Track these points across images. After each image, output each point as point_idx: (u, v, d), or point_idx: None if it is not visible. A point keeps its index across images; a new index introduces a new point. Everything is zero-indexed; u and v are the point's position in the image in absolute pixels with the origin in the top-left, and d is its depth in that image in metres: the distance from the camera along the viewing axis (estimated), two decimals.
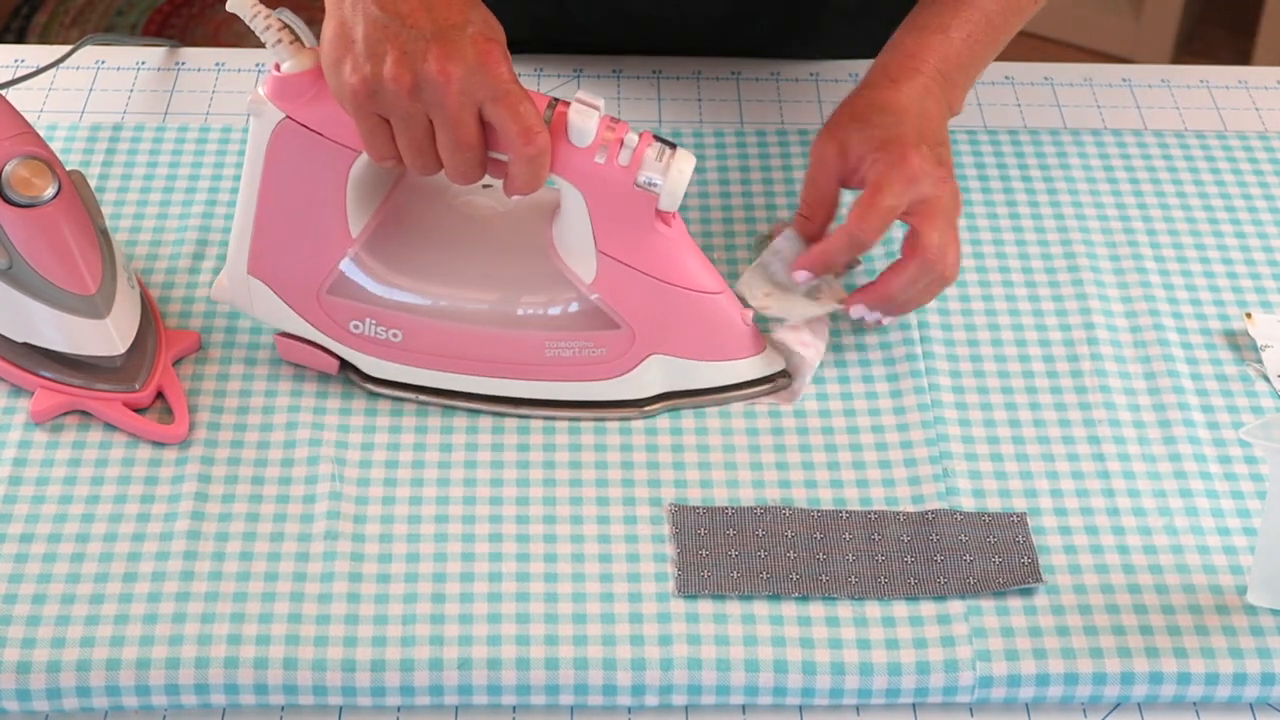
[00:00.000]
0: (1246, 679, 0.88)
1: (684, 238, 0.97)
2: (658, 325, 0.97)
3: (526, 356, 0.98)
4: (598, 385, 0.99)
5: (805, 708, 0.89)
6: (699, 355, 0.99)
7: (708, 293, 0.97)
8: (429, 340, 0.98)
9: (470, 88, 0.87)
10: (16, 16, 2.77)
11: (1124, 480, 0.98)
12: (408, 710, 0.88)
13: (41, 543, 0.92)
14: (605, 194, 0.93)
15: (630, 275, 0.96)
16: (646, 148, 0.93)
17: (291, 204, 0.96)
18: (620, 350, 0.98)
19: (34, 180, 0.96)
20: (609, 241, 0.95)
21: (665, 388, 1.00)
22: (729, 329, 0.99)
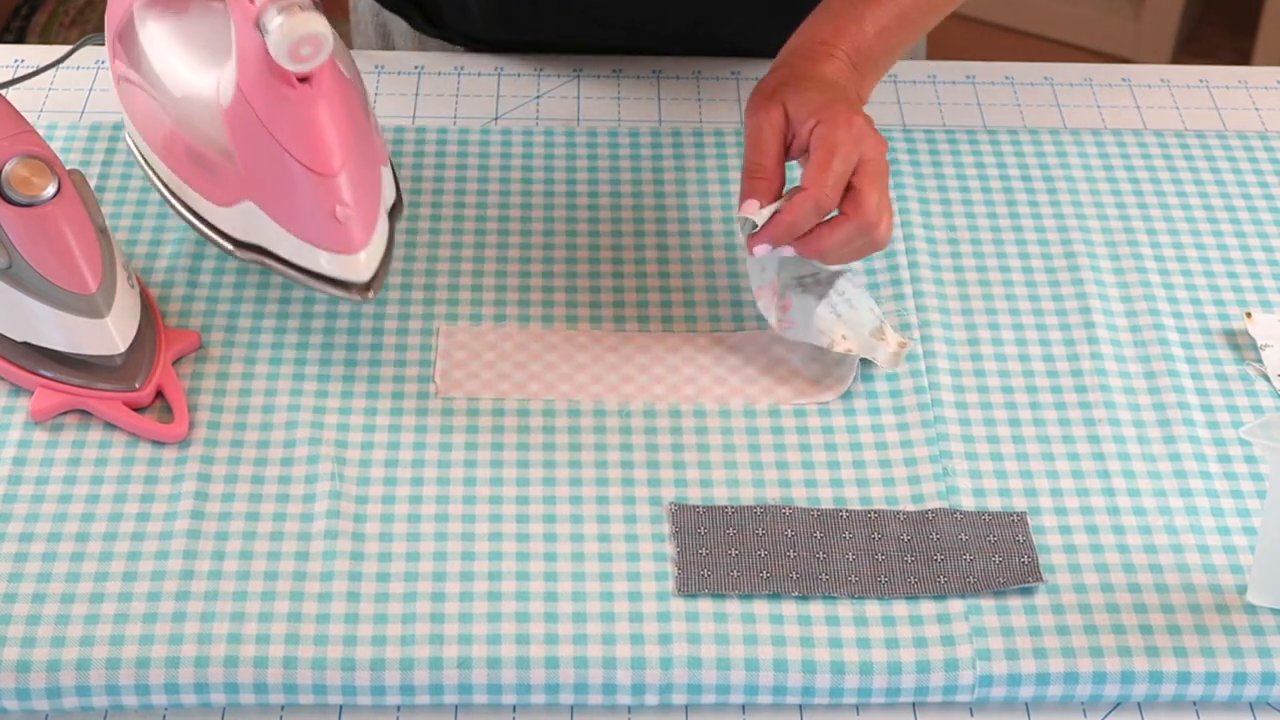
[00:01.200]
0: (1246, 678, 0.88)
1: (314, 103, 0.95)
2: (258, 175, 0.97)
3: (170, 148, 1.02)
4: (207, 204, 1.01)
5: (805, 707, 0.89)
6: (285, 224, 0.98)
7: (309, 168, 0.96)
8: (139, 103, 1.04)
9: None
10: (16, 16, 2.77)
11: (1124, 479, 0.98)
12: (407, 709, 0.88)
13: (41, 542, 0.92)
14: (241, 25, 0.94)
15: (250, 118, 0.95)
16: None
17: None
18: (228, 181, 0.99)
19: (34, 179, 0.96)
20: (246, 79, 0.95)
21: (259, 241, 1.00)
22: (317, 214, 0.97)
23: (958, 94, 1.25)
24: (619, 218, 1.13)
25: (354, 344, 1.04)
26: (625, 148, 1.18)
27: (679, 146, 1.18)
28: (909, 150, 1.19)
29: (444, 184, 1.15)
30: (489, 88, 1.24)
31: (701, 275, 1.09)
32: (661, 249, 1.11)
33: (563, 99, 1.23)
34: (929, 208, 1.14)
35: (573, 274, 1.09)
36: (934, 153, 1.19)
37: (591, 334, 1.05)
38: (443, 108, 1.22)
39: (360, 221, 0.97)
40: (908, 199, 1.14)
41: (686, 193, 1.15)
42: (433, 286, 1.07)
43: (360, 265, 0.97)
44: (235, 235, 1.00)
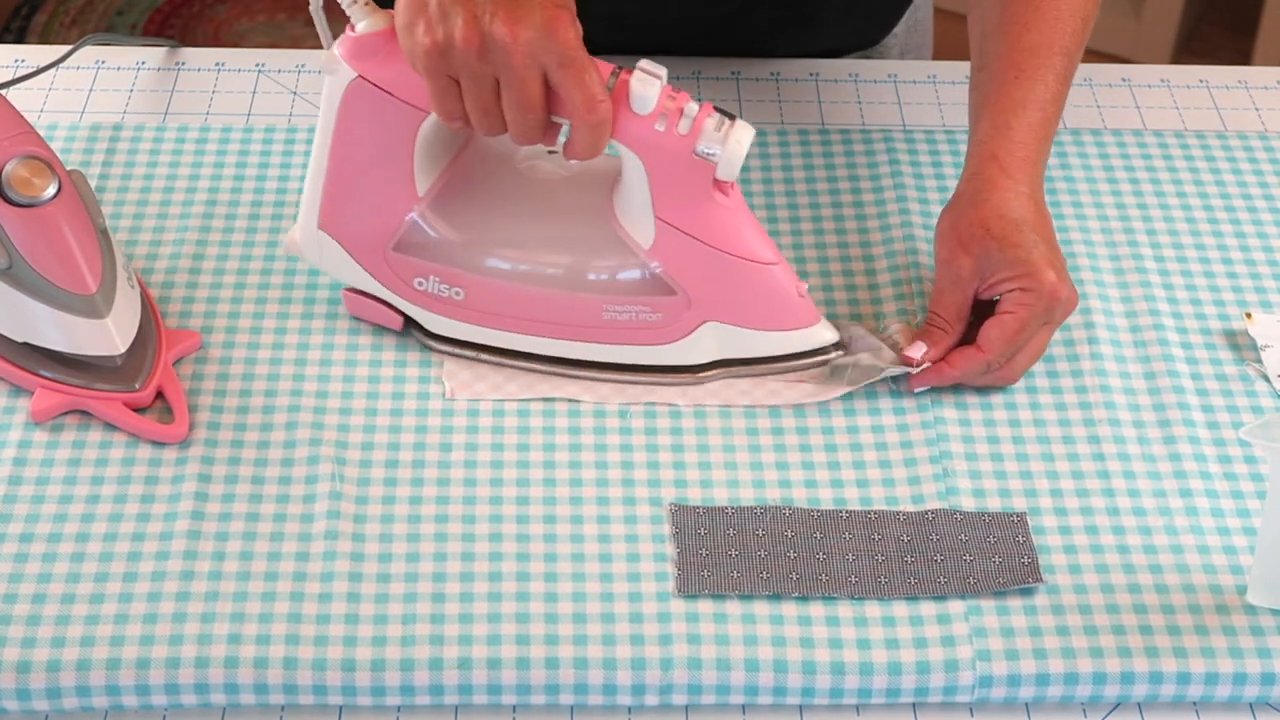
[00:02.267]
0: (1246, 679, 0.88)
1: (741, 208, 0.98)
2: (713, 292, 0.98)
3: (584, 318, 1.00)
4: (653, 350, 1.00)
5: (805, 707, 0.89)
6: (753, 324, 1.00)
7: (763, 263, 0.98)
8: (489, 299, 1.00)
9: (536, 51, 0.89)
10: (16, 16, 2.77)
11: (1124, 480, 0.98)
12: (407, 710, 0.88)
13: (41, 542, 0.92)
14: (664, 161, 0.94)
15: (687, 242, 0.97)
16: (706, 117, 0.94)
17: (361, 161, 0.99)
18: (675, 315, 0.99)
19: (34, 180, 0.96)
20: (667, 209, 0.96)
21: (719, 355, 1.01)
22: (782, 299, 0.99)
23: (958, 94, 1.25)
24: None
25: (354, 344, 1.04)
26: None
27: None
28: (909, 150, 1.19)
29: None
30: None
31: None
32: None
33: None
34: (929, 208, 1.14)
35: None
36: (934, 153, 1.19)
37: None
38: None
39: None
40: (908, 199, 1.14)
41: None
42: None
43: (825, 329, 1.01)
44: (695, 362, 1.01)
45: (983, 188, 1.02)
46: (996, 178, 1.02)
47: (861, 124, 1.22)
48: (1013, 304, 1.00)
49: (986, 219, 1.01)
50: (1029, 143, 1.04)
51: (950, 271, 1.02)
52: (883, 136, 1.20)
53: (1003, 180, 1.02)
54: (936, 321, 1.02)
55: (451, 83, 0.92)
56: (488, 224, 1.00)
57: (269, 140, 1.17)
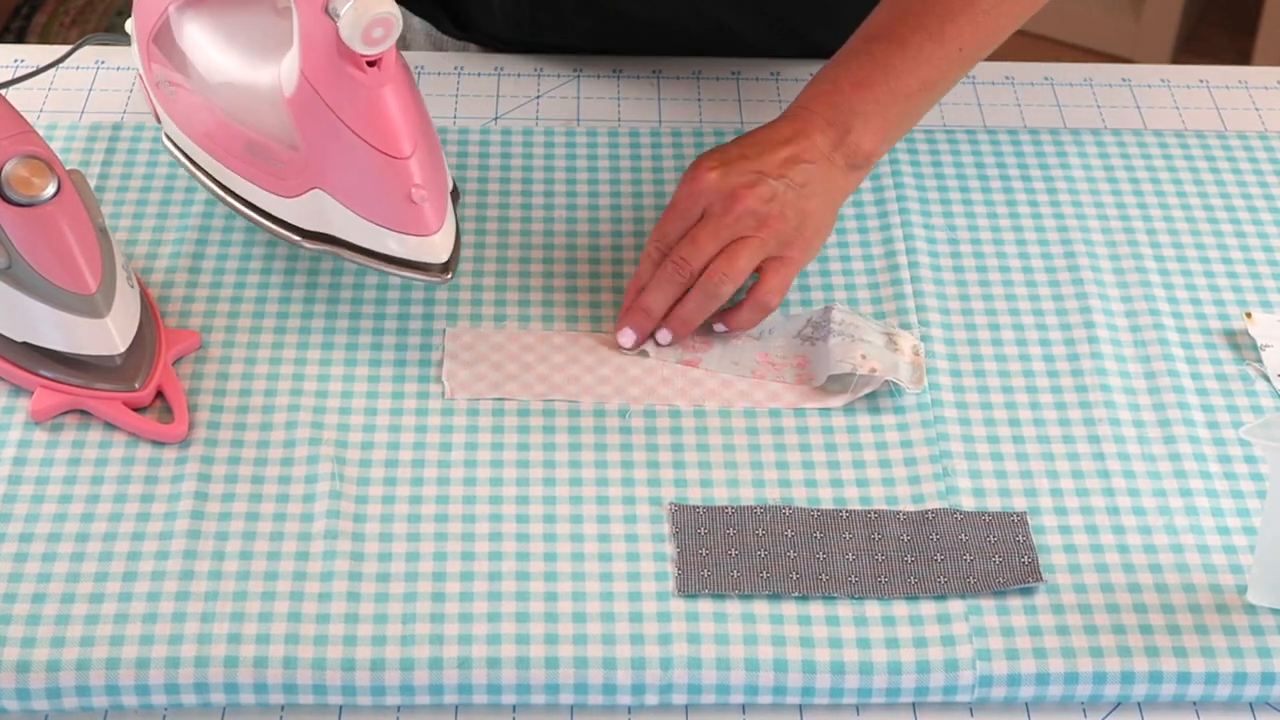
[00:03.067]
0: (1246, 678, 0.88)
1: (383, 86, 0.95)
2: (328, 163, 0.97)
3: (230, 146, 1.01)
4: (271, 198, 1.00)
5: (805, 707, 0.89)
6: (357, 210, 0.98)
7: (380, 151, 0.96)
8: (185, 107, 1.04)
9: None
10: (16, 16, 2.77)
11: (1124, 480, 0.98)
12: (407, 709, 0.88)
13: (41, 542, 0.92)
14: (307, 11, 0.93)
15: (317, 105, 0.95)
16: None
17: None
18: (294, 172, 0.99)
19: (33, 180, 0.96)
20: (311, 66, 0.95)
21: (329, 230, 1.00)
22: (389, 195, 0.97)
23: (958, 94, 1.25)
24: (619, 218, 1.13)
25: (354, 344, 1.04)
26: (625, 148, 1.18)
27: (679, 146, 1.18)
28: (909, 150, 1.19)
29: None
30: (489, 88, 1.24)
31: None
32: None
33: (562, 99, 1.23)
34: (929, 208, 1.14)
35: (573, 274, 1.09)
36: (934, 153, 1.19)
37: (595, 336, 1.05)
38: (443, 108, 1.22)
39: (434, 203, 0.97)
40: (908, 199, 1.14)
41: None
42: (433, 286, 1.07)
43: (438, 246, 0.98)
44: (303, 226, 1.00)
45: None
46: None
47: None
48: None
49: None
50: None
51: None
52: None
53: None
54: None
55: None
56: (215, 39, 1.03)
57: None
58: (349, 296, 1.06)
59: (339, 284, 1.07)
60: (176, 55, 1.04)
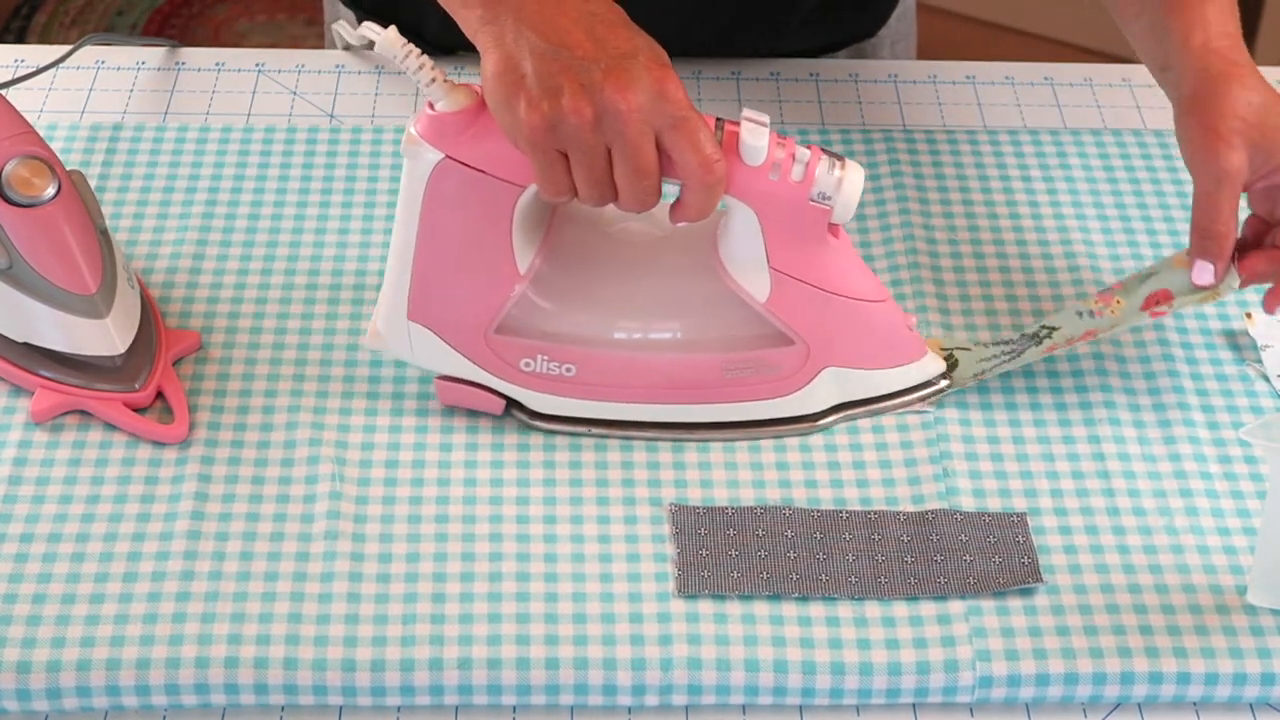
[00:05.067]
0: (1246, 679, 0.88)
1: (849, 248, 0.96)
2: (830, 338, 0.96)
3: (705, 380, 0.97)
4: (773, 403, 0.98)
5: (805, 708, 0.89)
6: (870, 364, 0.98)
7: (875, 301, 0.97)
8: (604, 372, 0.97)
9: (650, 116, 0.87)
10: (16, 16, 2.77)
11: (1124, 480, 0.98)
12: (407, 710, 0.88)
13: (41, 543, 0.92)
14: (779, 211, 0.92)
15: (803, 290, 0.95)
16: (818, 163, 0.91)
17: (454, 245, 0.94)
18: (795, 366, 0.97)
19: (34, 180, 0.96)
20: (781, 257, 0.94)
21: (838, 399, 0.99)
22: (896, 335, 0.98)
23: (958, 94, 1.25)
24: None
25: (354, 344, 1.03)
26: None
27: None
28: (909, 150, 1.19)
29: None
30: None
31: None
32: None
33: None
34: (929, 208, 1.14)
35: None
36: (934, 153, 1.19)
37: None
38: None
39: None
40: (908, 199, 1.14)
41: None
42: None
43: (933, 359, 1.01)
44: (813, 410, 0.99)
45: (1215, 80, 0.97)
46: (1224, 68, 0.97)
47: (862, 124, 1.22)
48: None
49: (1236, 108, 0.96)
50: (1234, 31, 1.00)
51: (1212, 172, 0.95)
52: (883, 136, 1.20)
53: (1232, 69, 0.98)
54: (1211, 231, 0.97)
55: (559, 156, 0.88)
56: (594, 294, 0.97)
57: (269, 140, 1.17)
58: (349, 297, 1.06)
59: (339, 284, 1.07)
60: (558, 332, 0.97)
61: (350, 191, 1.14)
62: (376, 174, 1.15)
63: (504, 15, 0.88)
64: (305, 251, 1.09)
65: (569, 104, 0.86)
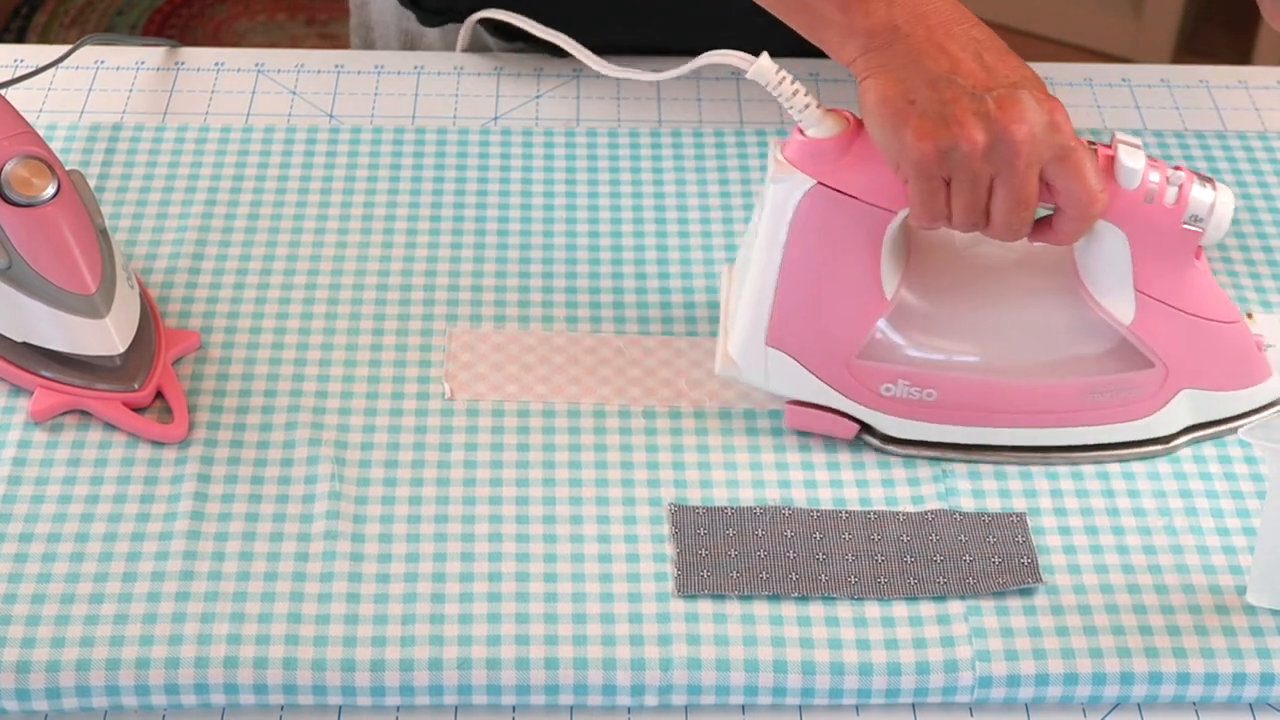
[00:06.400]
0: (1246, 679, 0.88)
1: (1208, 269, 0.96)
2: (1190, 359, 0.96)
3: (1068, 403, 0.97)
4: (1130, 425, 0.98)
5: (805, 708, 0.89)
6: (1225, 385, 0.98)
7: (1229, 323, 0.97)
8: (966, 397, 0.97)
9: (1040, 147, 0.87)
10: (16, 16, 2.77)
11: (1124, 480, 0.98)
12: (407, 710, 0.88)
13: (40, 542, 0.92)
14: (1151, 234, 0.92)
15: (1166, 312, 0.95)
16: (1192, 186, 0.92)
17: (821, 271, 0.94)
18: (1154, 388, 0.97)
19: (33, 180, 0.96)
20: (1147, 279, 0.94)
21: (1191, 421, 0.99)
22: (1250, 356, 0.98)
23: None
24: (619, 218, 1.13)
25: (354, 344, 1.04)
26: (625, 148, 1.18)
27: (679, 146, 1.18)
28: None
29: (444, 184, 1.15)
30: (489, 88, 1.24)
31: (701, 276, 1.09)
32: (662, 250, 1.11)
33: (563, 99, 1.23)
34: None
35: (573, 275, 1.09)
36: None
37: (595, 336, 1.05)
38: (443, 108, 1.22)
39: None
40: None
41: (686, 193, 1.15)
42: (432, 287, 1.07)
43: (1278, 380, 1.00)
44: (1167, 432, 0.98)
45: None
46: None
47: None
48: None
49: None
50: None
51: None
52: None
53: None
54: None
55: (942, 184, 0.88)
56: (955, 319, 0.97)
57: (269, 140, 1.17)
58: (349, 297, 1.06)
59: (339, 284, 1.07)
60: (919, 357, 0.97)
61: (350, 192, 1.14)
62: (376, 174, 1.15)
63: (894, 43, 0.89)
64: (305, 251, 1.09)
65: (962, 132, 0.86)
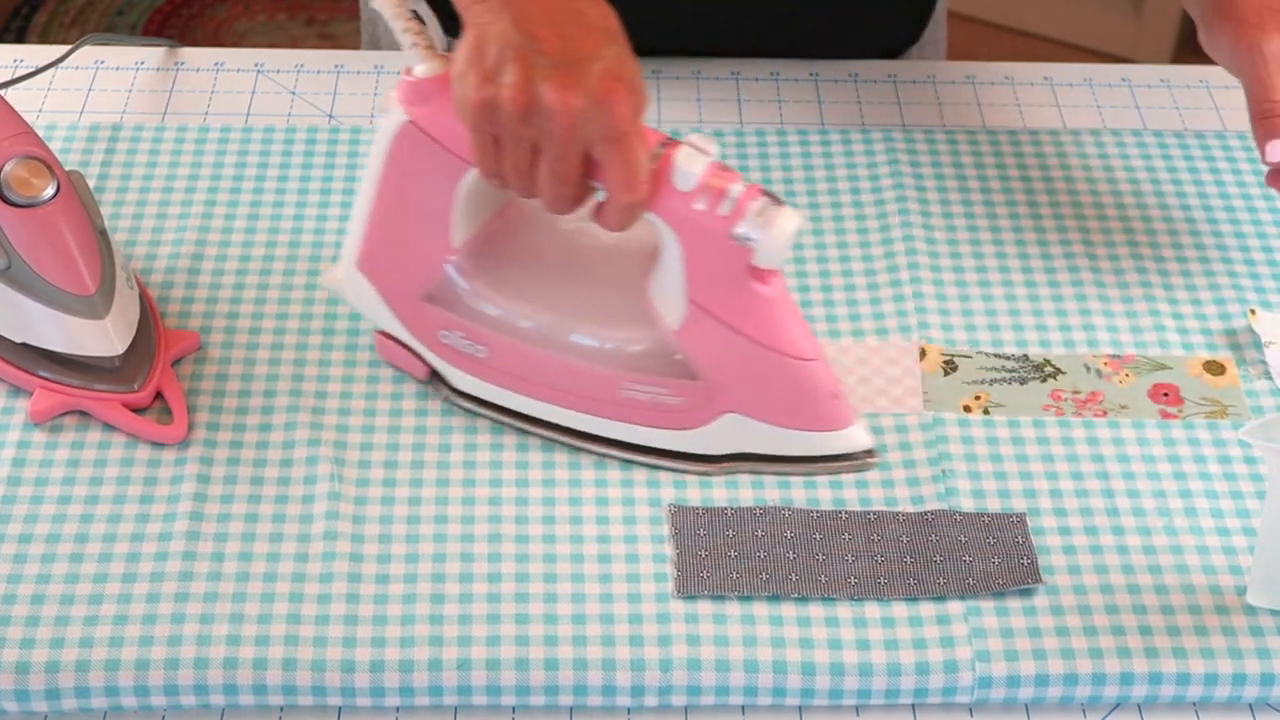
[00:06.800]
0: (1246, 679, 0.88)
1: (782, 298, 0.93)
2: (739, 383, 0.94)
3: (601, 392, 0.96)
4: (670, 434, 0.96)
5: (804, 708, 0.89)
6: (778, 421, 0.95)
7: (796, 358, 0.94)
8: (508, 361, 0.97)
9: (584, 124, 0.86)
10: (16, 16, 2.77)
11: (1124, 480, 0.98)
12: (407, 711, 0.88)
13: (40, 543, 0.92)
14: (701, 242, 0.91)
15: (717, 328, 0.93)
16: (750, 200, 0.90)
17: (402, 206, 0.96)
18: (697, 402, 0.95)
19: (33, 180, 0.96)
20: (701, 291, 0.92)
21: (740, 448, 0.97)
22: (813, 399, 0.95)
23: (958, 94, 1.25)
24: None
25: (353, 344, 1.03)
26: None
27: None
28: (909, 150, 1.19)
29: None
30: None
31: None
32: None
33: None
34: (929, 208, 1.14)
35: None
36: (934, 153, 1.19)
37: None
38: None
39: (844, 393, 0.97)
40: (907, 199, 1.14)
41: None
42: None
43: (864, 433, 0.97)
44: (712, 452, 0.97)
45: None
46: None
47: (861, 124, 1.22)
48: None
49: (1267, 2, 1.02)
50: None
51: (1259, 56, 1.00)
52: (883, 136, 1.20)
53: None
54: (1272, 110, 1.00)
55: (493, 140, 0.89)
56: (518, 283, 0.97)
57: (268, 140, 1.17)
58: None
59: None
60: (483, 311, 0.98)
61: (349, 191, 1.14)
62: None
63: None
64: (304, 252, 1.09)
65: (508, 91, 0.86)
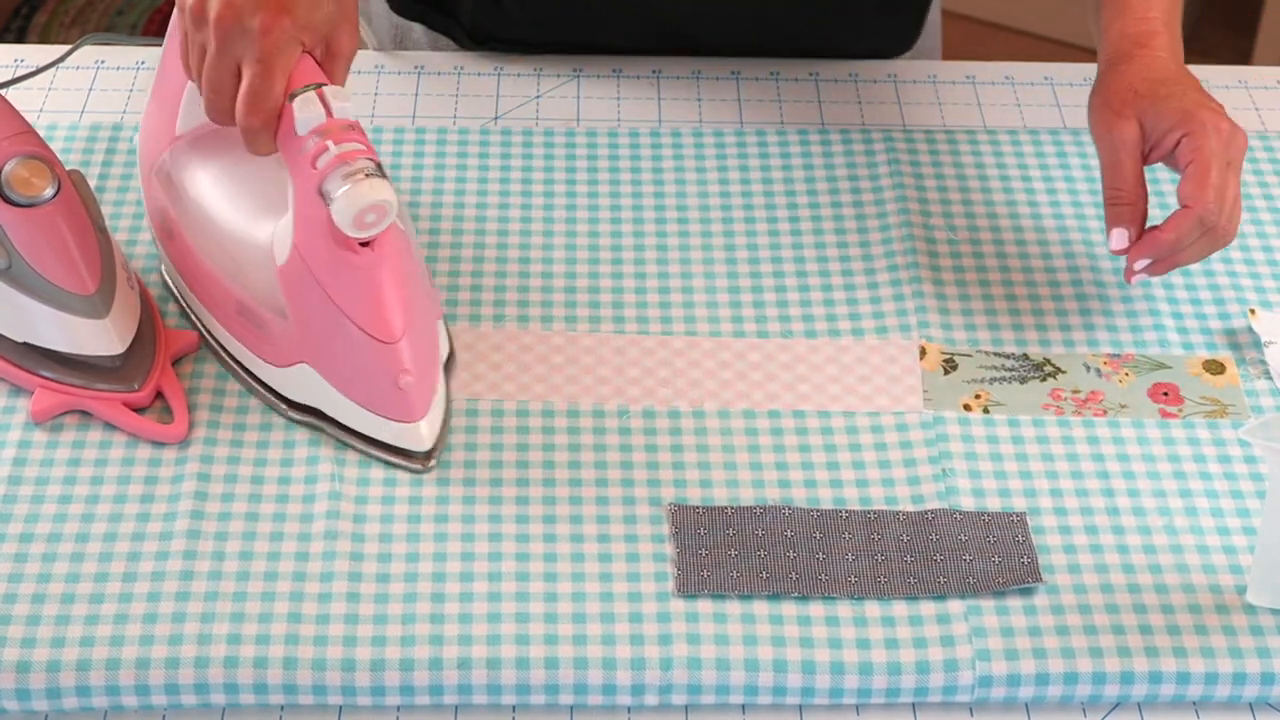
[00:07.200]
0: (1246, 679, 0.88)
1: (377, 267, 0.93)
2: (317, 339, 0.95)
3: (223, 302, 0.99)
4: (261, 363, 0.99)
5: (805, 707, 0.89)
6: (344, 390, 0.96)
7: (370, 336, 0.94)
8: (180, 251, 1.02)
9: (233, 39, 0.91)
10: (16, 16, 2.77)
11: (1124, 480, 0.98)
12: (407, 710, 0.88)
13: (41, 542, 0.92)
14: (302, 189, 0.92)
15: (307, 278, 0.93)
16: (343, 163, 0.90)
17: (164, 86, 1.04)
18: (283, 344, 0.97)
19: (33, 180, 0.96)
20: (303, 238, 0.93)
21: (315, 403, 0.97)
22: (375, 381, 0.95)
23: (958, 94, 1.25)
24: (619, 218, 1.13)
25: None
26: (625, 148, 1.18)
27: (679, 146, 1.18)
28: (909, 150, 1.19)
29: (444, 184, 1.15)
30: (489, 88, 1.24)
31: (701, 276, 1.09)
32: (661, 249, 1.11)
33: (562, 99, 1.23)
34: (929, 208, 1.14)
35: (572, 274, 1.09)
36: (934, 153, 1.19)
37: (595, 338, 1.05)
38: (443, 108, 1.22)
39: (421, 389, 0.95)
40: (907, 199, 1.14)
41: (686, 193, 1.15)
42: None
43: (422, 435, 0.96)
44: (290, 397, 0.98)
45: (1119, 61, 1.05)
46: (1131, 50, 1.05)
47: (861, 124, 1.22)
48: (1189, 152, 1.00)
49: (1132, 83, 1.03)
50: (1154, 17, 1.06)
51: (1113, 141, 1.02)
52: (883, 136, 1.20)
53: (1138, 51, 1.05)
54: (1119, 198, 1.02)
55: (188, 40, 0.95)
56: (209, 184, 1.01)
57: None
58: None
59: None
60: (176, 195, 1.02)
61: None
62: None
63: None
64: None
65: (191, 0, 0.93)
